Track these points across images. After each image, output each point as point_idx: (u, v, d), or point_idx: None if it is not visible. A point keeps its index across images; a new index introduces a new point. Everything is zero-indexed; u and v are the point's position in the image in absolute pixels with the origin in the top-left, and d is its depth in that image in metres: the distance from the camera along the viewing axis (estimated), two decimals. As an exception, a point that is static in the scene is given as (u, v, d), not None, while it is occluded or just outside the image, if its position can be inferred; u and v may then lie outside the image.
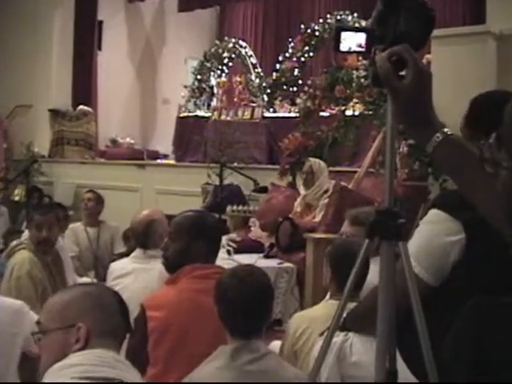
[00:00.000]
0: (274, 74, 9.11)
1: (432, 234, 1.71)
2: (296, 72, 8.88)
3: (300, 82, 8.78)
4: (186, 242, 2.51)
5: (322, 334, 2.21)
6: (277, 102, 8.94)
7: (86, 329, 1.57)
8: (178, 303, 2.37)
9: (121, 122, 10.83)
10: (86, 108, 9.87)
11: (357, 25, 7.75)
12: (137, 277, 3.35)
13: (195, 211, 2.74)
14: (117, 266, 3.53)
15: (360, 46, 1.43)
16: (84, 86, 10.19)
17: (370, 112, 5.97)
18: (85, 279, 4.66)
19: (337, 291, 2.60)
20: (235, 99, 9.27)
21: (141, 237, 3.50)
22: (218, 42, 10.19)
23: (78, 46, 10.06)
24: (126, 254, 4.07)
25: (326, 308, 2.61)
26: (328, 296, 2.72)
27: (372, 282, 2.63)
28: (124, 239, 5.68)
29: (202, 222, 2.58)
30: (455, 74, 5.04)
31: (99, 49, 10.55)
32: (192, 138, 8.99)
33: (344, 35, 1.44)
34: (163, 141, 10.44)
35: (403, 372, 1.60)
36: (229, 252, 5.13)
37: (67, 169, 9.33)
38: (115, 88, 10.66)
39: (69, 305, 1.62)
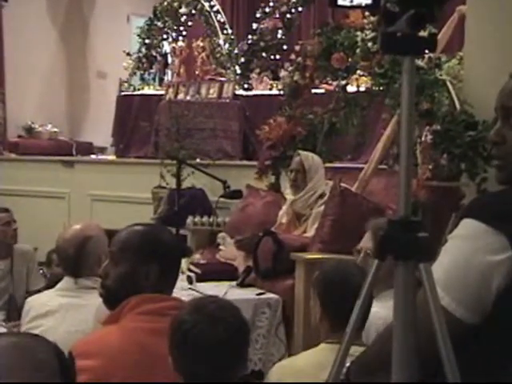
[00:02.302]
0: (250, 36, 9.13)
1: (466, 253, 1.70)
2: (279, 34, 8.91)
3: (285, 47, 8.80)
4: (133, 265, 2.51)
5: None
6: (253, 74, 8.95)
7: None
8: (121, 348, 2.36)
9: (39, 104, 10.76)
10: (-12, 84, 9.83)
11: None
12: (65, 316, 3.33)
13: (144, 225, 2.74)
14: (36, 302, 3.50)
15: (365, -3, 1.44)
16: (-17, 54, 10.13)
17: (381, 88, 5.99)
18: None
19: (330, 331, 2.61)
20: (197, 71, 9.27)
21: (71, 261, 3.48)
22: (172, -8, 10.20)
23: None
24: (49, 286, 4.04)
25: (317, 355, 2.62)
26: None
27: (380, 318, 2.64)
28: (47, 265, 5.64)
29: (154, 238, 2.58)
30: (498, 31, 5.05)
31: (4, -1, 10.48)
32: (138, 125, 8.96)
33: (343, -17, 1.45)
34: (99, 129, 10.40)
35: None
36: (190, 279, 5.13)
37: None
38: (30, 56, 10.58)
39: None
